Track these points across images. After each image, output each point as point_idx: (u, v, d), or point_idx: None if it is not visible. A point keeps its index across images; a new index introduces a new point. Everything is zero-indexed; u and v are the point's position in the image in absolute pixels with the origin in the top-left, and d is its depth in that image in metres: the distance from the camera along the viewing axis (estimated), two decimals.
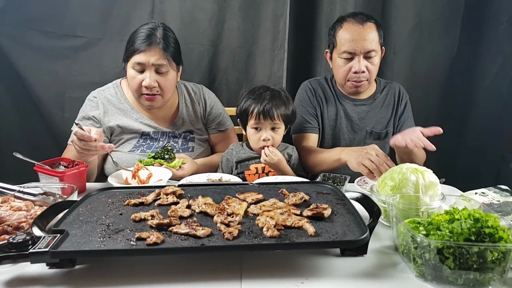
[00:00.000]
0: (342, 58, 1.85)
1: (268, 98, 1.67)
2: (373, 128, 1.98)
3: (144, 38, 1.68)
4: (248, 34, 2.28)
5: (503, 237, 0.87)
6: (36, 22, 2.10)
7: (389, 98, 2.02)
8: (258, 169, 1.71)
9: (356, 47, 1.80)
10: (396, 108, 2.01)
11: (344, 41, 1.83)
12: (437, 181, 1.18)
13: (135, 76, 1.70)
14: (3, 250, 0.87)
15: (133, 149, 1.78)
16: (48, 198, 1.22)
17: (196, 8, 2.21)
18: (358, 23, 1.82)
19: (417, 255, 0.90)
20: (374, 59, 1.85)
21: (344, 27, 1.84)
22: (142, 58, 1.67)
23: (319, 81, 2.05)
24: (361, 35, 1.80)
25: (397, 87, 2.04)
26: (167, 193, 1.18)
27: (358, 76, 1.84)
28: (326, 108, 1.99)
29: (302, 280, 0.89)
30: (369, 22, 1.83)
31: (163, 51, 1.69)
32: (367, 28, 1.81)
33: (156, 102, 1.76)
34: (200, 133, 1.94)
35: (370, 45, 1.80)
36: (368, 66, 1.84)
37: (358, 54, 1.81)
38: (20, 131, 2.23)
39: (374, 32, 1.83)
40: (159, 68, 1.70)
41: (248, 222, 1.02)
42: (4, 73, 2.12)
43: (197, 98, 1.96)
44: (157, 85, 1.71)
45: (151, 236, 0.90)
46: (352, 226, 0.99)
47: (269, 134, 1.67)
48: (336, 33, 1.88)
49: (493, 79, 2.34)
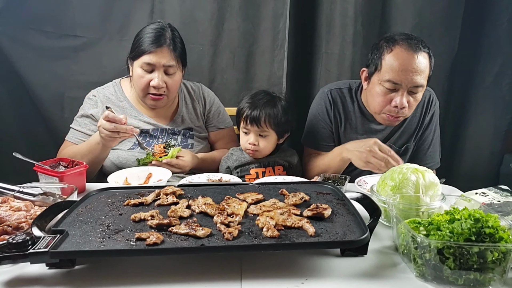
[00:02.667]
0: (384, 87, 1.62)
1: (261, 105, 1.67)
2: (393, 143, 1.81)
3: (154, 39, 1.69)
4: (248, 34, 2.28)
5: (504, 237, 0.87)
6: (36, 22, 2.10)
7: (416, 109, 1.77)
8: (259, 173, 1.72)
9: (405, 79, 1.57)
10: (422, 121, 1.82)
11: (391, 69, 1.58)
12: (437, 181, 1.18)
13: (143, 75, 1.71)
14: (3, 250, 0.87)
15: (132, 147, 1.78)
16: (48, 198, 1.22)
17: (196, 8, 2.21)
18: (412, 50, 1.57)
19: (418, 255, 0.89)
20: (418, 95, 1.63)
21: (394, 52, 1.59)
22: (152, 59, 1.68)
23: (341, 91, 1.84)
24: (412, 66, 1.56)
25: (427, 95, 1.80)
26: (167, 193, 1.18)
27: (397, 111, 1.63)
28: (344, 126, 1.83)
29: (302, 280, 0.89)
30: (424, 51, 1.59)
31: (173, 52, 1.71)
32: (421, 59, 1.57)
33: (161, 102, 1.79)
34: (200, 130, 1.95)
35: (419, 79, 1.57)
36: (411, 102, 1.62)
37: (404, 87, 1.59)
38: (20, 131, 2.23)
39: (426, 64, 1.60)
40: (168, 69, 1.72)
41: (248, 222, 1.02)
42: (4, 73, 2.12)
43: (197, 96, 1.97)
44: (165, 85, 1.73)
45: (151, 237, 0.90)
46: (352, 226, 0.99)
47: (254, 140, 1.68)
48: (382, 55, 1.63)
49: (493, 79, 2.35)
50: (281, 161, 1.74)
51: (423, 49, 1.60)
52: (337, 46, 2.30)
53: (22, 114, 2.22)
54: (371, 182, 1.54)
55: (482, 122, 2.42)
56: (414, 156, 1.89)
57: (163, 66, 1.70)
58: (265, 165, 1.74)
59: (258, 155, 1.73)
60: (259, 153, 1.71)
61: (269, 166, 1.74)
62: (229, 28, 2.26)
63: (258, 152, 1.71)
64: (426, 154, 1.88)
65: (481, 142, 2.45)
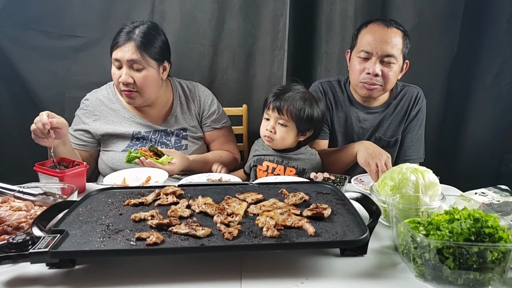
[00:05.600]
0: (359, 58, 1.78)
1: (289, 94, 1.66)
2: (382, 135, 1.93)
3: (124, 34, 1.71)
4: (248, 34, 2.28)
5: (503, 237, 0.87)
6: (36, 22, 2.10)
7: (403, 103, 1.93)
8: (269, 167, 1.71)
9: (375, 47, 1.73)
10: (408, 114, 1.93)
11: (364, 41, 1.76)
12: (437, 181, 1.18)
13: (115, 72, 1.73)
14: (3, 250, 0.87)
15: (126, 149, 1.78)
16: (48, 198, 1.22)
17: (196, 8, 2.21)
18: (383, 25, 1.75)
19: (417, 255, 0.90)
20: (392, 65, 1.75)
21: (368, 27, 1.79)
22: (118, 54, 1.70)
23: (331, 83, 1.98)
24: (382, 36, 1.73)
25: (414, 92, 1.94)
26: (167, 193, 1.18)
27: (371, 77, 1.75)
28: (336, 114, 1.94)
29: (302, 280, 0.89)
30: (396, 27, 1.76)
31: (137, 48, 1.69)
32: (391, 32, 1.74)
33: (134, 100, 1.76)
34: (194, 130, 1.94)
35: (389, 48, 1.72)
36: (384, 71, 1.75)
37: (375, 56, 1.73)
38: (20, 131, 2.23)
39: (398, 39, 1.74)
40: (133, 64, 1.70)
41: (248, 222, 1.02)
42: (4, 74, 2.12)
43: (192, 95, 1.96)
44: (132, 81, 1.71)
45: (151, 236, 0.90)
46: (352, 226, 0.99)
47: (272, 126, 1.66)
48: (359, 33, 1.82)
49: (493, 79, 2.34)
50: (295, 163, 1.71)
51: (396, 26, 1.76)
52: (337, 46, 2.30)
53: (22, 114, 2.21)
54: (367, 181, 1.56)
55: (482, 122, 2.42)
56: (399, 148, 2.00)
57: (127, 61, 1.69)
58: (278, 162, 1.71)
59: (274, 145, 1.70)
60: (275, 142, 1.68)
61: (282, 165, 1.71)
62: (229, 28, 2.26)
63: (274, 142, 1.67)
64: (410, 148, 1.97)
65: (481, 142, 2.45)
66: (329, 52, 2.33)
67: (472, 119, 2.44)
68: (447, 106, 2.46)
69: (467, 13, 2.31)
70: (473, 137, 2.45)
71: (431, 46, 2.34)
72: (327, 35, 2.30)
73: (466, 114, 2.46)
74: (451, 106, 2.46)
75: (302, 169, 1.70)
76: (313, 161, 1.74)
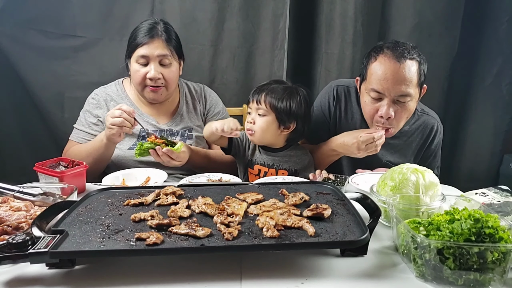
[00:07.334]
0: (370, 97, 1.60)
1: (269, 87, 1.63)
2: (388, 160, 1.78)
3: (146, 32, 1.72)
4: (248, 34, 2.28)
5: (503, 238, 0.87)
6: (36, 22, 2.10)
7: (418, 133, 1.78)
8: (261, 171, 1.70)
9: (387, 88, 1.53)
10: (422, 147, 1.80)
11: (374, 78, 1.56)
12: (437, 181, 1.18)
13: (139, 69, 1.73)
14: (3, 250, 0.87)
15: (132, 146, 1.78)
16: (48, 198, 1.22)
17: (196, 8, 2.21)
18: (396, 59, 1.53)
19: (417, 256, 0.89)
20: (407, 104, 1.57)
21: (378, 60, 1.57)
22: (146, 51, 1.70)
23: (348, 90, 1.81)
24: (394, 75, 1.52)
25: (433, 123, 1.78)
26: (166, 194, 1.18)
27: (383, 121, 1.60)
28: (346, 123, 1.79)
29: (302, 280, 0.89)
30: (410, 59, 1.54)
31: (166, 43, 1.74)
32: (405, 67, 1.52)
33: (160, 94, 1.79)
34: (199, 130, 1.95)
35: (403, 88, 1.52)
36: (398, 112, 1.57)
37: (388, 97, 1.55)
38: (20, 131, 2.23)
39: (413, 73, 1.54)
40: (163, 59, 1.73)
41: (248, 222, 1.02)
42: (4, 74, 2.12)
43: (198, 96, 1.98)
44: (161, 76, 1.74)
45: (150, 237, 0.90)
46: (352, 226, 0.99)
47: (252, 118, 1.64)
48: (368, 64, 1.61)
49: (493, 79, 2.35)
50: (286, 165, 1.69)
51: (410, 57, 1.54)
52: (337, 46, 2.30)
53: (22, 114, 2.22)
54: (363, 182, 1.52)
55: (482, 122, 2.42)
56: None
57: (157, 57, 1.71)
58: (269, 165, 1.70)
59: (255, 138, 1.64)
60: (256, 135, 1.62)
61: (273, 168, 1.69)
62: (229, 28, 2.26)
63: (255, 134, 1.62)
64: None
65: (481, 142, 2.45)
66: (329, 52, 2.33)
67: (472, 119, 2.44)
68: (447, 106, 2.46)
69: (467, 13, 2.31)
70: (473, 137, 2.46)
71: (431, 46, 2.34)
72: (327, 35, 2.30)
73: (466, 114, 2.46)
74: (451, 106, 2.46)
75: (294, 170, 1.68)
76: (304, 160, 1.71)
